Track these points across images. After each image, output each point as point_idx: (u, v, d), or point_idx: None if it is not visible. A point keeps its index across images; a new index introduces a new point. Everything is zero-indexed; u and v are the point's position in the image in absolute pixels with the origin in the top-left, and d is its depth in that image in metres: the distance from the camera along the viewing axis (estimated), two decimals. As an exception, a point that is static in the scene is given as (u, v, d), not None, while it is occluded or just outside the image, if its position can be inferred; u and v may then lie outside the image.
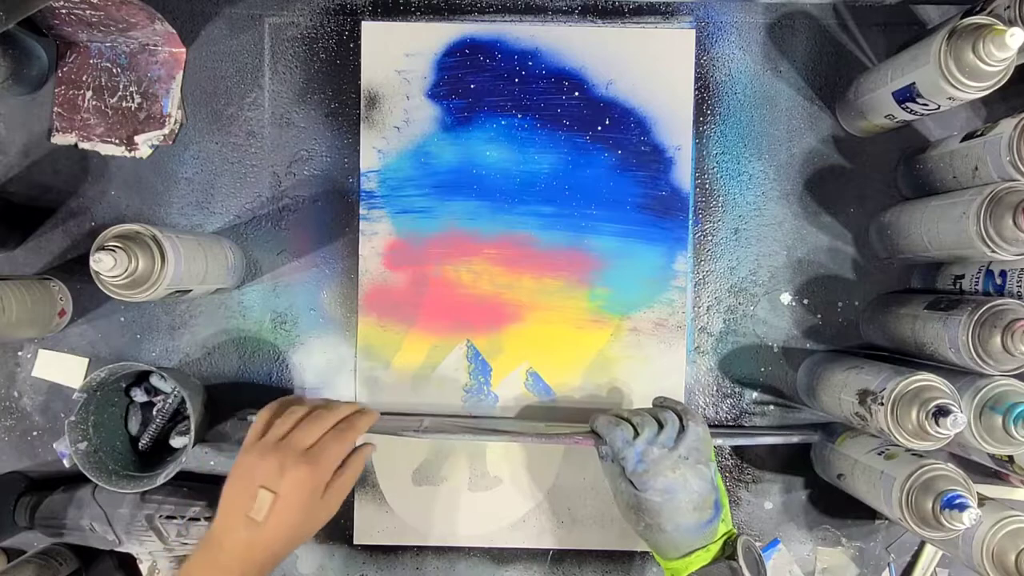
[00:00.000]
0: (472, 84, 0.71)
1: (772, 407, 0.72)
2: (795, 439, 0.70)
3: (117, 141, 0.71)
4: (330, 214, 0.72)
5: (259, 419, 0.59)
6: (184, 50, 0.71)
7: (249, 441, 0.58)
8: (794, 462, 0.72)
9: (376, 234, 0.72)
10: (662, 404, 0.62)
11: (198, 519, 0.68)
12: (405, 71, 0.71)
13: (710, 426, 0.72)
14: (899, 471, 0.57)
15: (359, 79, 0.71)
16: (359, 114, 0.72)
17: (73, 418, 0.65)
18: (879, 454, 0.61)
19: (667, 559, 0.58)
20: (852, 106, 0.68)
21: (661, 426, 0.58)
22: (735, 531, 0.59)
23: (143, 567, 0.72)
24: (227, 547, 0.54)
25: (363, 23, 0.71)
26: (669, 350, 0.72)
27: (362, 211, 0.72)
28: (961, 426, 0.52)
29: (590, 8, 0.72)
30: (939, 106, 0.59)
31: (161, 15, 0.66)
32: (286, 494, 0.54)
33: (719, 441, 0.70)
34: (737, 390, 0.72)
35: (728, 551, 0.57)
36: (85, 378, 0.70)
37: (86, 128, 0.71)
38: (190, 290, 0.62)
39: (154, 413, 0.71)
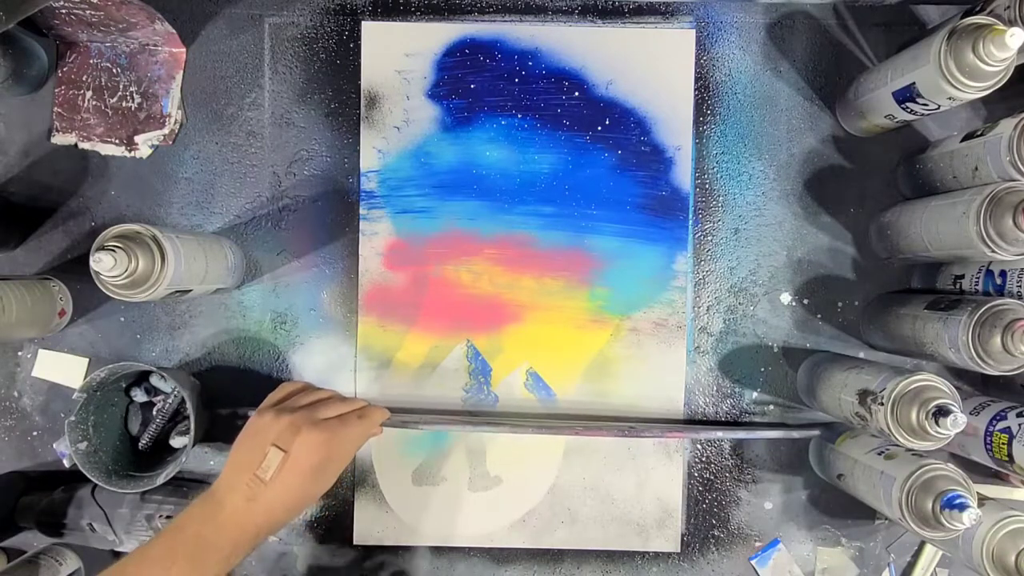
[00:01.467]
0: (472, 84, 0.71)
1: (772, 407, 0.72)
2: (795, 434, 0.70)
3: (117, 141, 0.71)
4: (330, 214, 0.72)
5: (279, 390, 0.60)
6: (184, 50, 0.71)
7: (265, 405, 0.58)
8: (794, 462, 0.72)
9: (376, 234, 0.72)
10: None
11: (198, 519, 0.68)
12: (405, 71, 0.71)
13: (709, 424, 0.72)
14: (899, 471, 0.57)
15: (359, 79, 0.71)
16: (359, 114, 0.72)
17: (73, 418, 0.65)
18: (879, 454, 0.61)
19: None
20: (852, 106, 0.68)
21: None
22: None
23: (143, 567, 0.72)
24: (227, 505, 0.52)
25: (363, 23, 0.71)
26: (669, 350, 0.72)
27: (362, 211, 0.72)
28: (961, 426, 0.52)
29: (590, 8, 0.72)
30: (939, 106, 0.59)
31: (161, 15, 0.66)
32: (297, 456, 0.53)
33: (719, 435, 0.70)
34: (737, 390, 0.72)
35: None
36: (85, 378, 0.70)
37: (86, 128, 0.71)
38: (190, 290, 0.62)
39: (154, 413, 0.71)
